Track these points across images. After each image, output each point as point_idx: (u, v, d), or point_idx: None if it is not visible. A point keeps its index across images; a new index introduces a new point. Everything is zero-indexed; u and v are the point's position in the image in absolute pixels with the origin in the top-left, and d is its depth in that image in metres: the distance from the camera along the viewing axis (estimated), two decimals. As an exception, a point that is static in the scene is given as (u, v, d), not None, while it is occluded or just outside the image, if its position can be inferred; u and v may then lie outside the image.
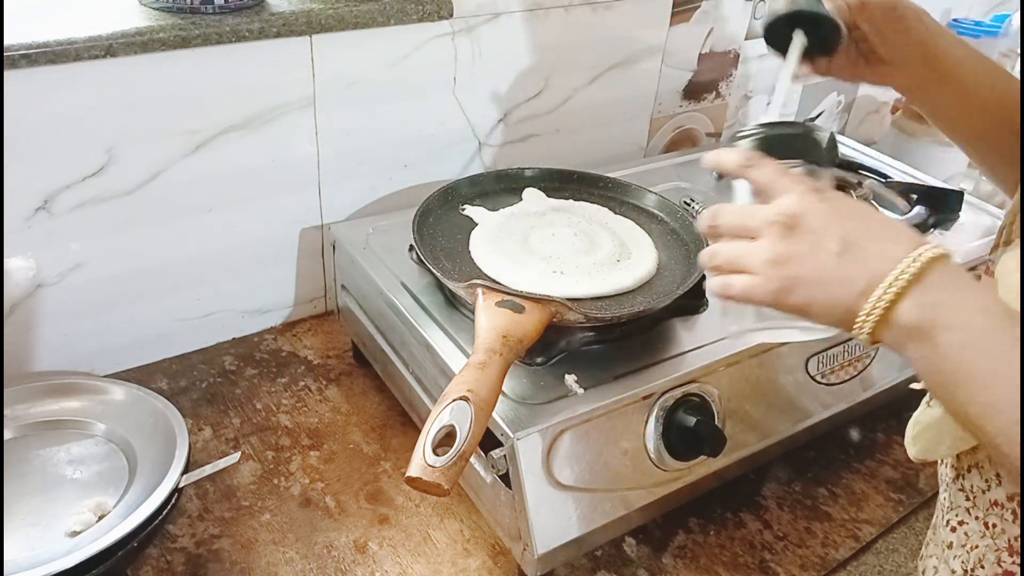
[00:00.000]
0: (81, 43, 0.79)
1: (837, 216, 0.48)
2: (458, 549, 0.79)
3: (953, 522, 0.58)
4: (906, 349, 0.46)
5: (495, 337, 0.67)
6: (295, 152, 0.99)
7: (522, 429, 0.68)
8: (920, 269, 0.45)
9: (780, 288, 0.48)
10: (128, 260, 0.93)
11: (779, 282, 0.48)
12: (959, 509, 0.57)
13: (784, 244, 0.48)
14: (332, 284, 1.08)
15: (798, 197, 0.48)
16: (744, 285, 0.49)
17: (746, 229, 0.50)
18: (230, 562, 0.76)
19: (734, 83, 1.39)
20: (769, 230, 0.48)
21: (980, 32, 1.60)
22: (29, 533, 0.71)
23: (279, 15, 0.89)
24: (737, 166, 0.52)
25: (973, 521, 0.56)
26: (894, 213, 1.08)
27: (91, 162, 0.86)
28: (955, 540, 0.57)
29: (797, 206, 0.48)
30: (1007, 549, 0.53)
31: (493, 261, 0.83)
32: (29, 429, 0.81)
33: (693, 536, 0.82)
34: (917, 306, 0.45)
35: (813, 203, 0.48)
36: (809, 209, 0.48)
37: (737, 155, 0.52)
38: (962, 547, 0.56)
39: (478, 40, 1.06)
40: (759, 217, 0.49)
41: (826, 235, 0.47)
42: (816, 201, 0.48)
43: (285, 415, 0.94)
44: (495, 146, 1.16)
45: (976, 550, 0.55)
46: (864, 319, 0.46)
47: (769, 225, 0.48)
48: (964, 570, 0.56)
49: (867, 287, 0.46)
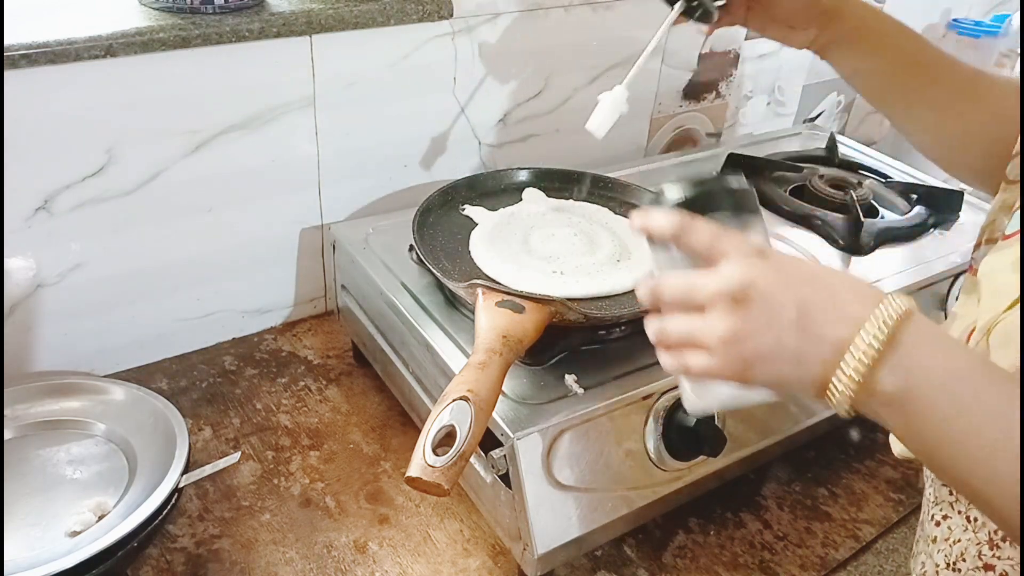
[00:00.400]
0: (81, 43, 0.79)
1: (787, 281, 0.45)
2: (458, 549, 0.79)
3: (937, 516, 0.58)
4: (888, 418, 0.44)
5: (495, 337, 0.67)
6: (295, 152, 0.99)
7: (522, 429, 0.68)
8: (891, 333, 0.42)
9: (742, 367, 0.46)
10: (128, 260, 0.93)
11: (739, 360, 0.45)
12: (943, 504, 0.58)
13: (736, 319, 0.45)
14: (332, 284, 1.08)
15: (742, 264, 0.45)
16: (702, 365, 0.47)
17: (692, 303, 0.47)
18: (230, 562, 0.76)
19: (734, 83, 1.39)
20: (718, 303, 0.45)
21: (980, 32, 1.60)
22: (29, 533, 0.71)
23: (279, 15, 0.89)
24: (670, 234, 0.49)
25: (956, 515, 0.56)
26: (894, 213, 1.08)
27: (91, 162, 0.86)
28: (939, 534, 0.58)
29: (744, 275, 0.45)
30: (987, 542, 0.53)
31: (493, 261, 0.83)
32: (29, 429, 0.81)
33: (693, 536, 0.82)
34: (893, 373, 0.43)
35: (759, 269, 0.45)
36: (757, 277, 0.45)
37: (666, 220, 0.49)
38: (945, 541, 0.57)
39: (478, 40, 1.06)
40: (705, 290, 0.46)
41: (780, 304, 0.44)
42: (762, 266, 0.45)
43: (285, 415, 0.94)
44: (495, 146, 1.16)
45: (959, 544, 0.55)
46: (839, 393, 0.44)
47: (717, 297, 0.45)
48: (947, 563, 0.56)
49: (834, 356, 0.43)
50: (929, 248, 1.02)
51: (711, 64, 1.33)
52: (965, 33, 1.62)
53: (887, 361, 0.43)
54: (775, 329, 0.44)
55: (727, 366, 0.46)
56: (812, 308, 0.44)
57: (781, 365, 0.45)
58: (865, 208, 1.04)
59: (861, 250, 0.98)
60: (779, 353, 0.45)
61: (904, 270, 0.96)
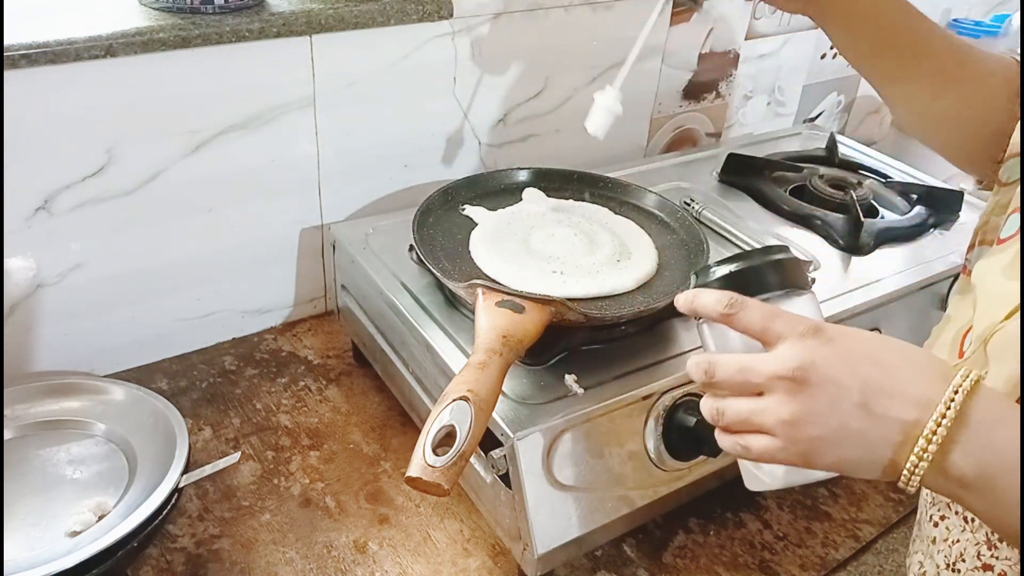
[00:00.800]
0: (81, 43, 0.79)
1: (849, 361, 0.44)
2: (458, 549, 0.79)
3: (935, 517, 0.58)
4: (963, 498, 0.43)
5: (495, 337, 0.67)
6: (295, 152, 0.99)
7: (522, 429, 0.68)
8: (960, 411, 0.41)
9: (805, 451, 0.44)
10: (128, 260, 0.93)
11: (803, 444, 0.44)
12: (940, 504, 0.58)
13: (798, 402, 0.43)
14: (332, 284, 1.08)
15: (801, 345, 0.44)
16: (763, 449, 0.45)
17: (749, 387, 0.46)
18: (230, 562, 0.76)
19: (734, 83, 1.39)
20: (777, 386, 0.44)
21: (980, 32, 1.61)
22: (29, 533, 0.71)
23: (279, 15, 0.89)
24: (719, 314, 0.47)
25: (954, 516, 0.56)
26: (894, 213, 1.08)
27: (91, 162, 0.86)
28: (938, 535, 0.58)
29: (802, 357, 0.44)
30: (986, 543, 0.53)
31: (493, 261, 0.83)
32: (29, 429, 0.81)
33: (693, 536, 0.82)
34: (967, 454, 0.41)
35: (817, 349, 0.44)
36: (817, 358, 0.44)
37: (715, 299, 0.48)
38: (944, 541, 0.57)
39: (478, 40, 1.06)
40: (762, 372, 0.45)
41: (842, 386, 0.43)
42: (821, 346, 0.44)
43: (285, 415, 0.94)
44: (495, 146, 1.16)
45: (957, 544, 0.55)
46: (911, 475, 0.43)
47: (776, 381, 0.44)
48: (947, 564, 0.56)
49: (904, 439, 0.42)
50: (929, 248, 1.02)
51: (711, 64, 1.33)
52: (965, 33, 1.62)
53: (959, 441, 0.42)
54: (838, 412, 0.43)
55: (790, 450, 0.44)
56: (875, 389, 0.43)
57: (846, 448, 0.44)
58: (865, 208, 1.04)
59: (861, 250, 0.99)
60: (844, 436, 0.43)
61: (904, 270, 0.96)
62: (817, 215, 1.04)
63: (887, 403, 0.43)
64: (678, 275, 0.85)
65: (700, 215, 1.03)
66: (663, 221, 0.95)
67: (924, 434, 0.42)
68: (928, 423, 0.42)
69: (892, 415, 0.43)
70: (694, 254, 0.87)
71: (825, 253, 0.98)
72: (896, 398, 0.43)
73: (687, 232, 0.92)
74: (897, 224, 1.04)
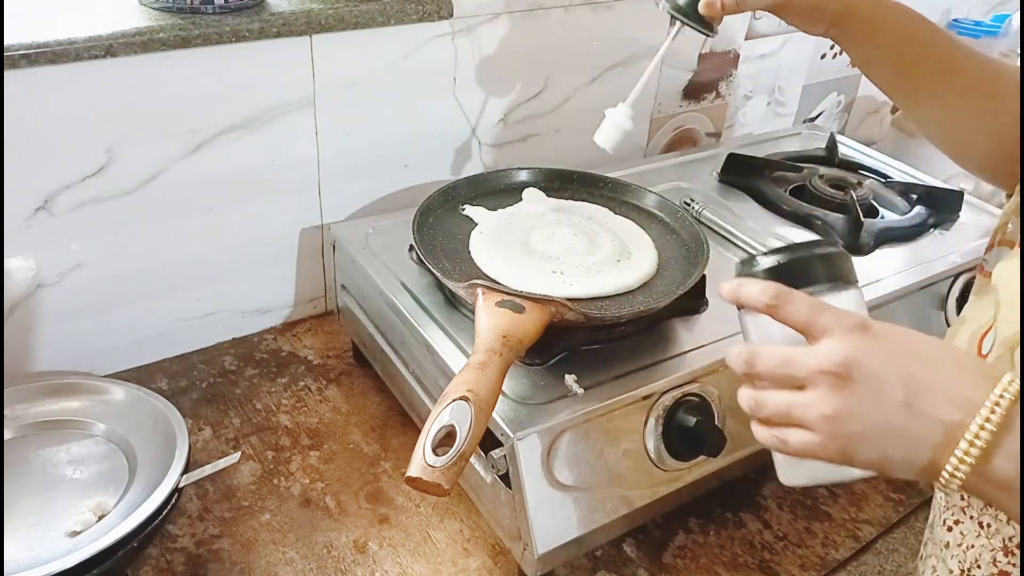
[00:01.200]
0: (81, 43, 0.79)
1: (894, 358, 0.43)
2: (458, 549, 0.79)
3: (949, 521, 0.58)
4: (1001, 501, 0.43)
5: (495, 337, 0.67)
6: (295, 152, 0.99)
7: (522, 429, 0.68)
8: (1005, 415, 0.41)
9: (845, 447, 0.44)
10: (128, 260, 0.93)
11: (843, 440, 0.44)
12: (955, 508, 0.57)
13: (841, 397, 0.43)
14: (332, 284, 1.08)
15: (845, 341, 0.44)
16: (803, 443, 0.45)
17: (791, 379, 0.45)
18: (230, 562, 0.76)
19: (734, 83, 1.39)
20: (820, 380, 0.44)
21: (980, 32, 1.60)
22: (29, 533, 0.71)
23: (279, 15, 0.89)
24: (764, 305, 0.47)
25: (968, 521, 0.56)
26: (894, 213, 1.08)
27: (91, 162, 0.86)
28: (951, 540, 0.57)
29: (847, 352, 0.43)
30: (1002, 549, 0.53)
31: (493, 261, 0.83)
32: (29, 429, 0.81)
33: (693, 536, 0.82)
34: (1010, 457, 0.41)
35: (863, 346, 0.44)
36: (862, 354, 0.43)
37: (760, 290, 0.47)
38: (958, 546, 0.56)
39: (478, 40, 1.06)
40: (806, 366, 0.44)
41: (887, 383, 0.43)
42: (867, 342, 0.44)
43: (285, 415, 0.94)
44: (495, 146, 1.16)
45: (972, 549, 0.55)
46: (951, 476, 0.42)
47: (819, 375, 0.44)
48: (961, 570, 0.56)
49: (946, 439, 0.42)
50: (929, 248, 1.02)
51: (711, 64, 1.33)
52: (965, 33, 1.62)
53: (1002, 445, 0.41)
54: (881, 409, 0.43)
55: (829, 446, 0.44)
56: (920, 388, 0.43)
57: (886, 446, 0.43)
58: (865, 208, 1.04)
59: (861, 250, 0.99)
60: (885, 434, 0.43)
61: (904, 270, 0.96)
62: (817, 215, 1.04)
63: (931, 402, 0.42)
64: (678, 275, 0.85)
65: (700, 215, 1.03)
66: (663, 221, 0.95)
67: (967, 436, 0.41)
68: (971, 425, 0.41)
69: (935, 415, 0.42)
70: (694, 254, 0.87)
71: (825, 253, 0.98)
72: (940, 398, 0.42)
73: (687, 232, 0.92)
74: (897, 224, 1.04)
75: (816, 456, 0.45)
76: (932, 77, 0.68)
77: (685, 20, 0.73)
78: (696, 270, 0.83)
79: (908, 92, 0.70)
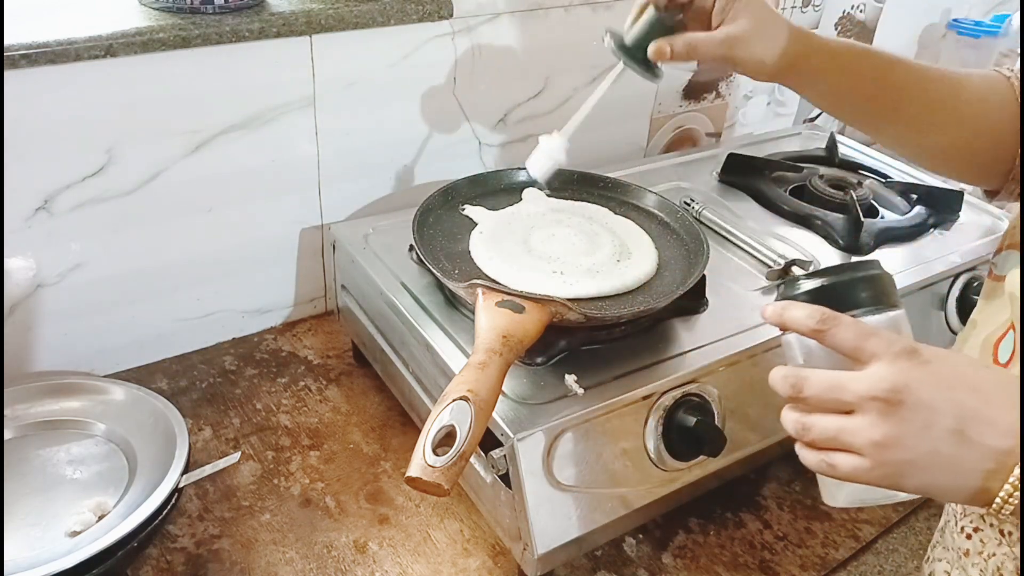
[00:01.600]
0: (81, 43, 0.79)
1: (943, 385, 0.43)
2: (458, 549, 0.79)
3: (968, 529, 0.57)
4: None
5: (495, 337, 0.67)
6: (295, 152, 0.99)
7: (522, 429, 0.68)
8: None
9: (894, 472, 0.44)
10: (128, 260, 0.93)
11: (892, 466, 0.44)
12: (973, 515, 0.57)
13: (890, 424, 0.43)
14: (332, 284, 1.08)
15: (895, 365, 0.44)
16: (851, 468, 0.45)
17: (839, 404, 0.45)
18: (230, 562, 0.76)
19: (734, 83, 1.39)
20: (869, 406, 0.44)
21: (980, 32, 1.60)
22: (29, 533, 0.71)
23: (279, 15, 0.89)
24: (811, 329, 0.47)
25: (988, 528, 0.55)
26: (894, 213, 1.08)
27: (91, 162, 0.86)
28: (971, 547, 0.57)
29: (898, 378, 0.43)
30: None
31: (493, 261, 0.83)
32: (29, 429, 0.81)
33: (693, 536, 0.82)
34: None
35: (914, 372, 0.44)
36: (912, 380, 0.43)
37: (806, 314, 0.47)
38: (979, 555, 0.56)
39: (478, 40, 1.06)
40: (855, 391, 0.44)
41: (937, 411, 0.43)
42: (916, 368, 0.44)
43: (285, 415, 0.94)
44: (495, 146, 1.16)
45: (994, 558, 0.55)
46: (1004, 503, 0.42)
47: (869, 401, 0.44)
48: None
49: (998, 467, 0.42)
50: (929, 248, 1.02)
51: (711, 64, 1.33)
52: (965, 33, 1.62)
53: None
54: (931, 437, 0.43)
55: (877, 471, 0.44)
56: (969, 415, 0.43)
57: (935, 473, 0.43)
58: (865, 208, 1.04)
59: (861, 250, 0.99)
60: (934, 461, 0.43)
61: (904, 270, 0.96)
62: (817, 215, 1.04)
63: (982, 430, 0.42)
64: (678, 275, 0.85)
65: (700, 215, 1.03)
66: (663, 221, 0.95)
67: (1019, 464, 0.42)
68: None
69: (987, 443, 0.42)
70: (694, 254, 0.87)
71: (825, 253, 0.98)
72: (990, 425, 0.42)
73: (687, 232, 0.92)
74: (897, 224, 1.04)
75: (864, 481, 0.45)
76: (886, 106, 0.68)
77: (629, 62, 0.72)
78: (696, 270, 0.83)
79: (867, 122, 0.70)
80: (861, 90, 0.68)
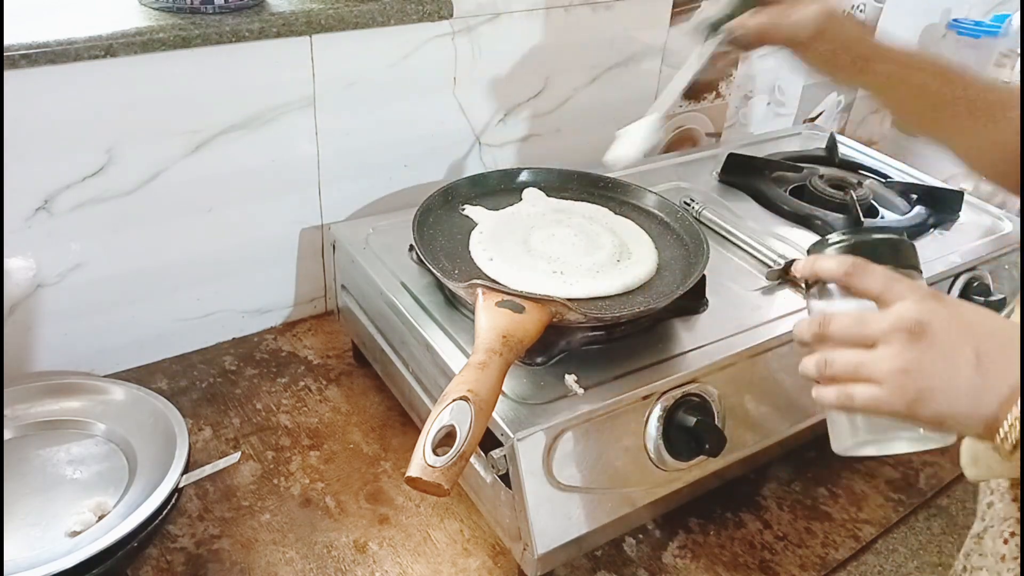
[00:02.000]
0: (81, 43, 0.79)
1: (964, 323, 0.46)
2: (458, 549, 0.79)
3: (1006, 534, 0.57)
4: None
5: (495, 337, 0.67)
6: (295, 152, 0.99)
7: (522, 429, 0.68)
8: None
9: (914, 399, 0.46)
10: (128, 260, 0.93)
11: (912, 393, 0.45)
12: (1011, 520, 0.57)
13: (914, 352, 0.45)
14: (332, 284, 1.08)
15: (921, 304, 0.46)
16: (870, 396, 0.47)
17: (864, 338, 0.47)
18: (230, 562, 0.77)
19: (734, 83, 1.39)
20: (893, 337, 0.46)
21: (980, 32, 1.60)
22: (29, 533, 0.71)
23: (279, 15, 0.89)
24: (841, 274, 0.50)
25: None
26: (894, 213, 1.08)
27: (91, 162, 0.86)
28: (1007, 552, 0.56)
29: (922, 312, 0.46)
30: None
31: (493, 261, 0.83)
32: (29, 429, 0.81)
33: (693, 536, 0.82)
34: None
35: (938, 311, 0.46)
36: (935, 315, 0.46)
37: (837, 262, 0.50)
38: (1014, 559, 0.56)
39: (478, 40, 1.06)
40: (879, 325, 0.47)
41: (957, 343, 0.45)
42: (941, 308, 0.46)
43: (285, 415, 0.94)
44: (495, 146, 1.16)
45: None
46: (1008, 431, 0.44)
47: (893, 332, 0.46)
48: None
49: (1011, 395, 0.44)
50: (929, 248, 1.02)
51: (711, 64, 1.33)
52: (965, 33, 1.62)
53: None
54: (953, 364, 0.45)
55: (897, 397, 0.46)
56: (989, 351, 0.45)
57: (954, 399, 0.45)
58: (865, 208, 1.04)
59: (861, 250, 0.98)
60: (954, 386, 0.45)
61: (904, 270, 0.96)
62: (817, 215, 1.04)
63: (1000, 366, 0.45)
64: (678, 275, 0.85)
65: (700, 215, 1.03)
66: (663, 221, 0.95)
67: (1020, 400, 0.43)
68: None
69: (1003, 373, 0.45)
70: (694, 254, 0.87)
71: (825, 253, 0.98)
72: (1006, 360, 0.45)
73: (687, 232, 0.92)
74: (897, 224, 1.04)
75: (881, 411, 0.47)
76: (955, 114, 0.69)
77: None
78: (696, 270, 0.83)
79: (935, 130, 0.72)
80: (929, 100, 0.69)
